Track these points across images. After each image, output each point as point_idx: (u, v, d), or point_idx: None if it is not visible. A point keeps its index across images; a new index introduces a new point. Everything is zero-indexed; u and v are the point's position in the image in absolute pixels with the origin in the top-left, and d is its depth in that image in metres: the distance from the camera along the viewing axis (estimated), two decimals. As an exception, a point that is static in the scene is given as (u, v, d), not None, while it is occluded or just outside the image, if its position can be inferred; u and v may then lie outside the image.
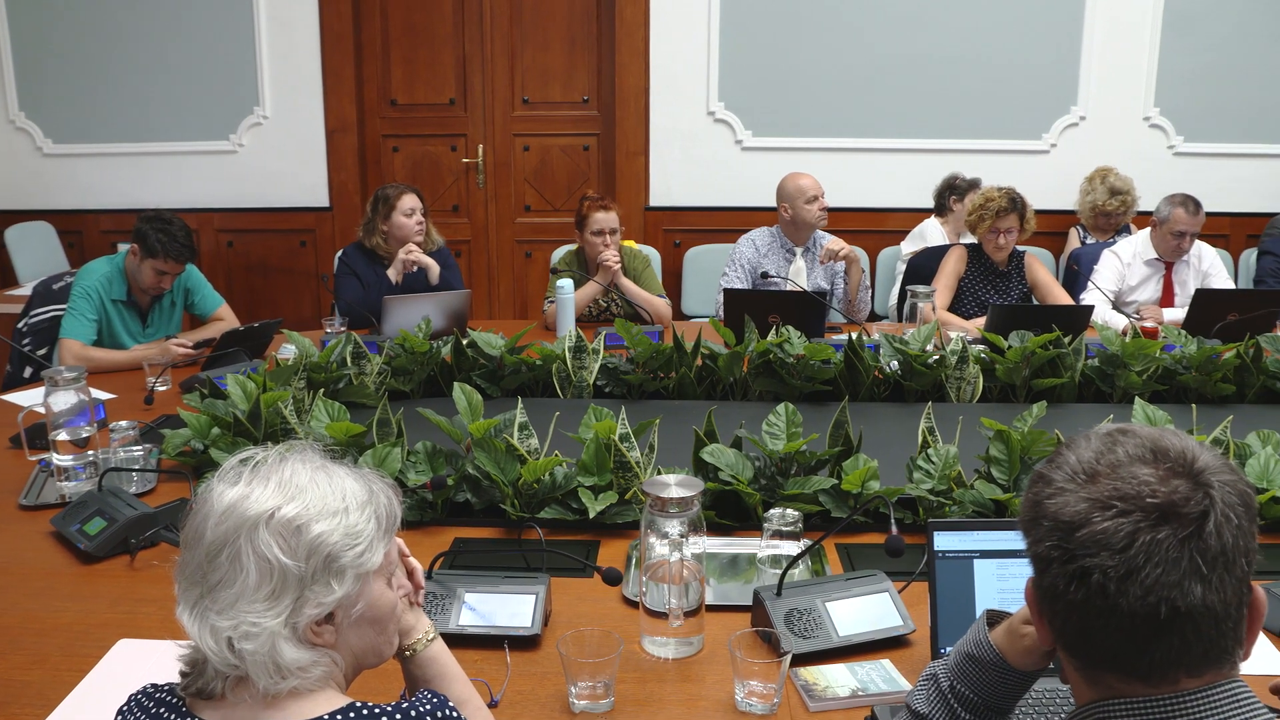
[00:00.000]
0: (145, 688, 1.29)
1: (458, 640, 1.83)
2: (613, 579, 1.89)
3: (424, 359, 3.29)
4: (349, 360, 3.19)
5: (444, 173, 6.26)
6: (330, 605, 1.25)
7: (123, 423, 2.73)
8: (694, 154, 6.02)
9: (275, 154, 6.08)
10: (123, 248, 4.16)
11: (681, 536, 1.81)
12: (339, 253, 4.65)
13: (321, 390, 2.99)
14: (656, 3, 5.89)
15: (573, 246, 4.57)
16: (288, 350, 3.52)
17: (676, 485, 1.80)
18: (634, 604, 1.97)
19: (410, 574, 1.53)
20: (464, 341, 3.35)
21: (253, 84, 6.00)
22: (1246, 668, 1.82)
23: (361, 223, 4.51)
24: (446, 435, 2.53)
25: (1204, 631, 1.05)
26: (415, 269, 4.37)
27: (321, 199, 6.14)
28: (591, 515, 2.26)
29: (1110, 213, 5.68)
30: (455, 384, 2.57)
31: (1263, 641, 1.95)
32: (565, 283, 3.95)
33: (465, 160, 6.23)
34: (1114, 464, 1.09)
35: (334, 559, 1.25)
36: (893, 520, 1.90)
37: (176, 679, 1.27)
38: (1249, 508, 1.07)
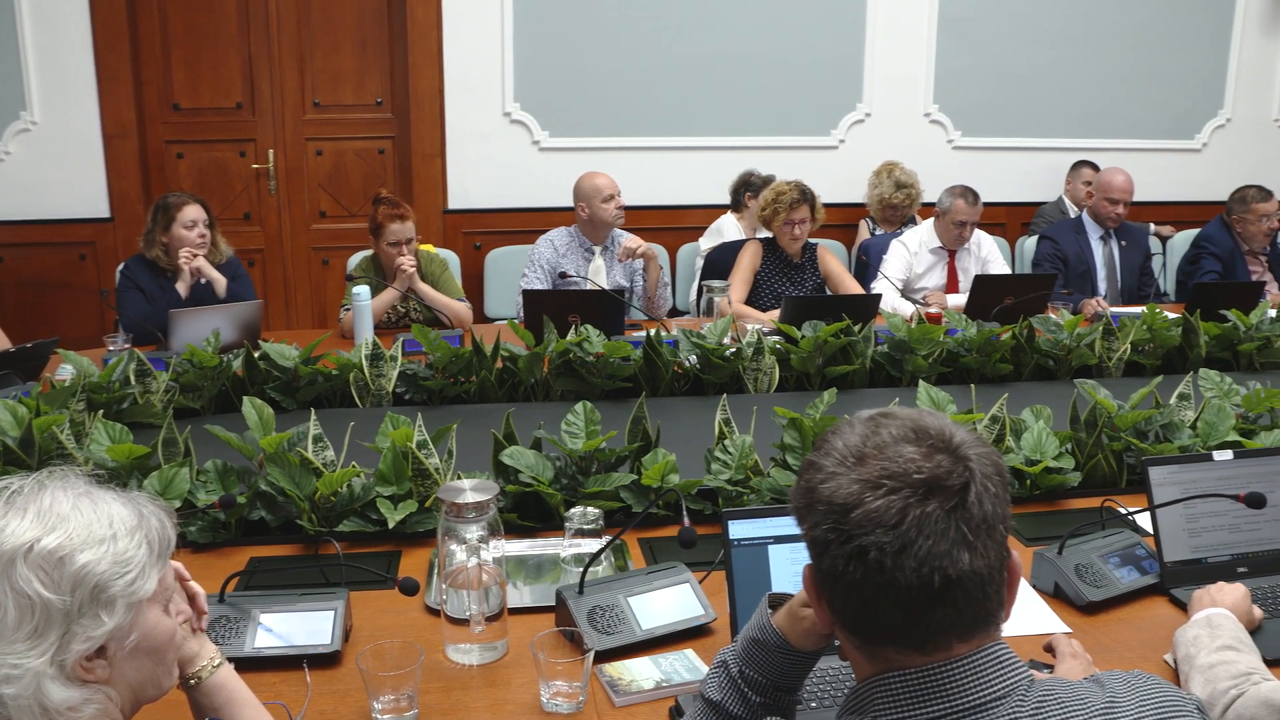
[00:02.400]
0: None
1: (254, 663, 1.77)
2: (409, 589, 1.85)
3: (214, 374, 3.16)
4: (132, 379, 3.04)
5: (233, 179, 6.03)
6: (101, 638, 1.18)
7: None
8: (491, 155, 5.98)
9: (47, 162, 5.71)
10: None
11: (480, 541, 1.80)
12: (120, 266, 4.43)
13: (101, 412, 2.84)
14: (449, 3, 5.81)
15: (369, 252, 4.47)
16: (65, 371, 3.32)
17: (472, 490, 1.79)
18: (437, 613, 1.94)
19: (191, 599, 1.47)
20: (256, 354, 3.24)
21: (18, 87, 5.61)
22: (1022, 628, 1.94)
23: (142, 233, 4.31)
24: (239, 452, 2.44)
25: (974, 596, 1.10)
26: (202, 280, 4.21)
27: (101, 209, 5.82)
28: (391, 525, 2.22)
29: (897, 205, 5.92)
30: (245, 398, 2.48)
31: (1038, 602, 2.07)
32: (361, 289, 3.87)
33: (255, 166, 6.01)
34: (880, 445, 1.13)
35: (102, 589, 1.18)
36: (685, 512, 1.93)
37: None
38: (1003, 477, 1.14)
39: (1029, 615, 2.02)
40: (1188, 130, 7.09)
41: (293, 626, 1.85)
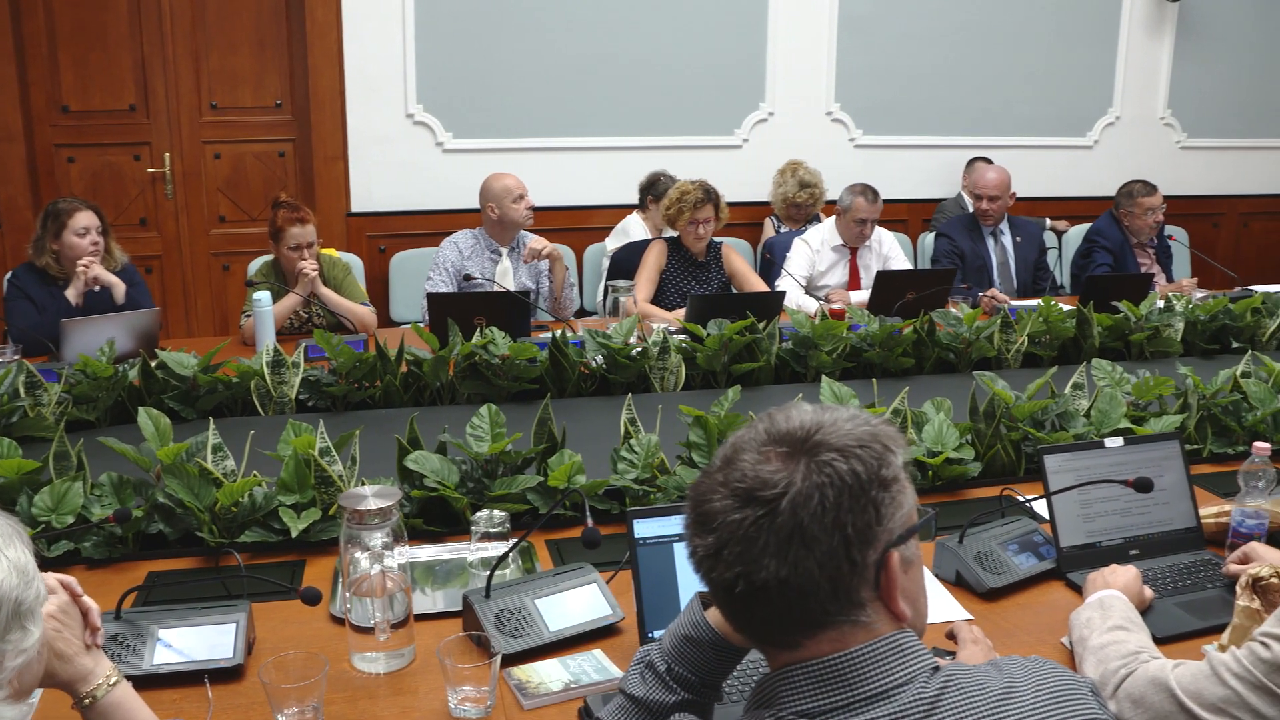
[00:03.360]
0: None
1: (154, 680, 1.73)
2: (311, 598, 1.83)
3: (109, 384, 3.08)
4: (22, 391, 2.94)
5: (128, 184, 5.87)
6: (31, 650, 1.19)
7: None
8: (394, 157, 5.91)
9: (-72, 168, 5.53)
10: None
11: (384, 548, 1.78)
12: (8, 274, 4.29)
13: (-11, 426, 2.76)
14: (348, 3, 5.73)
15: (269, 257, 4.40)
16: (-50, 385, 3.21)
17: (374, 496, 1.77)
18: (342, 622, 1.92)
19: (85, 614, 1.43)
20: (153, 363, 3.16)
21: (-110, 89, 5.42)
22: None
23: (31, 240, 4.18)
24: (135, 464, 2.38)
25: (790, 602, 1.13)
26: (97, 288, 4.09)
27: (-13, 216, 5.65)
28: (295, 535, 2.19)
29: (801, 204, 5.99)
30: (141, 409, 2.42)
31: (940, 590, 2.11)
32: (262, 295, 3.80)
33: (151, 170, 5.87)
34: (739, 449, 1.18)
35: (20, 602, 1.18)
36: (588, 513, 1.94)
37: None
38: (851, 487, 1.13)
39: (932, 603, 2.06)
40: (1079, 128, 7.30)
41: (193, 641, 1.81)
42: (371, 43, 5.78)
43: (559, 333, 3.32)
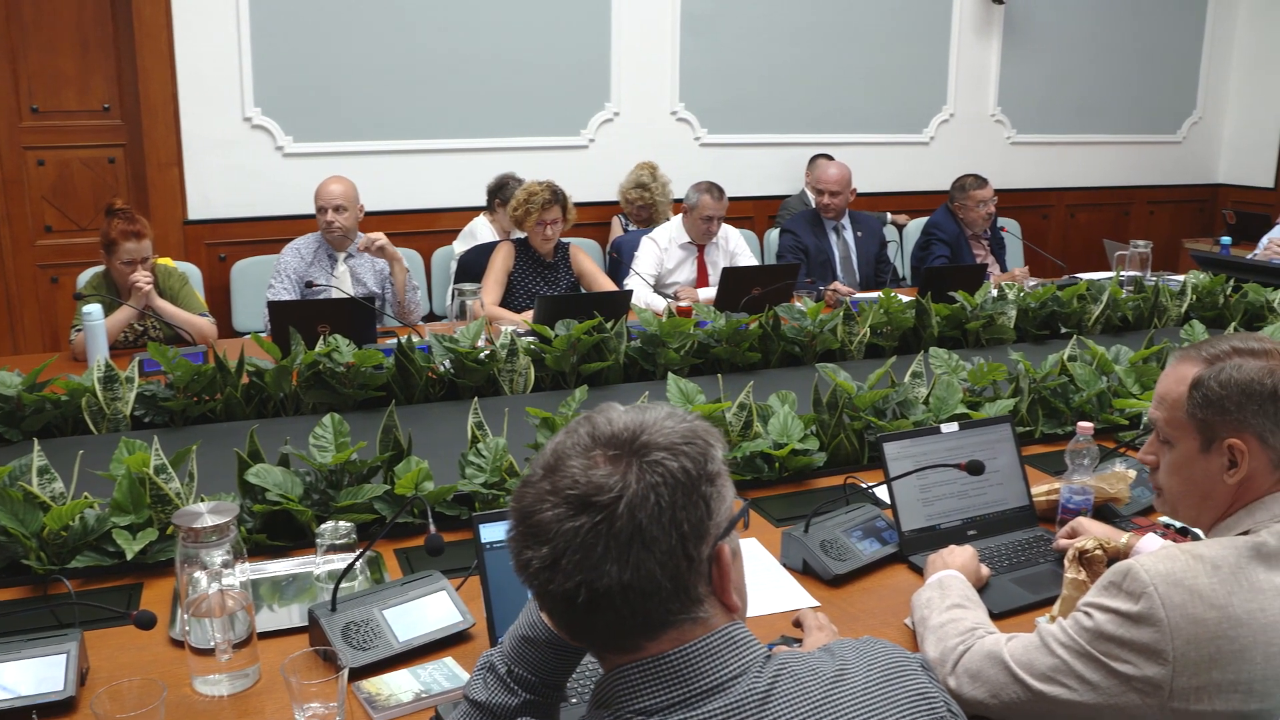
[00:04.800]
0: None
1: (-23, 718, 1.65)
2: (145, 623, 1.76)
3: (-77, 407, 2.92)
4: None
5: (-57, 194, 5.57)
6: None
7: None
8: (233, 162, 5.73)
9: None
10: None
11: (223, 566, 1.73)
12: None
13: None
14: (178, 2, 5.53)
15: (101, 268, 4.22)
16: None
17: (209, 513, 1.71)
18: (182, 645, 1.85)
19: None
20: (-29, 383, 2.99)
21: None
22: (773, 605, 2.01)
23: None
24: (-47, 490, 2.25)
25: (634, 606, 1.13)
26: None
27: None
28: (130, 557, 2.10)
29: (631, 201, 6.03)
30: (-42, 431, 2.30)
31: (788, 579, 2.15)
32: (93, 308, 3.63)
33: (-32, 179, 5.58)
34: (562, 456, 1.17)
35: None
36: (430, 520, 1.92)
37: None
38: (683, 484, 1.15)
39: (779, 592, 2.10)
40: (916, 125, 7.55)
41: (20, 676, 1.73)
42: (204, 44, 5.59)
43: (405, 338, 3.27)
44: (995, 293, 4.27)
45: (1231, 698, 1.46)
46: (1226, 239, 6.64)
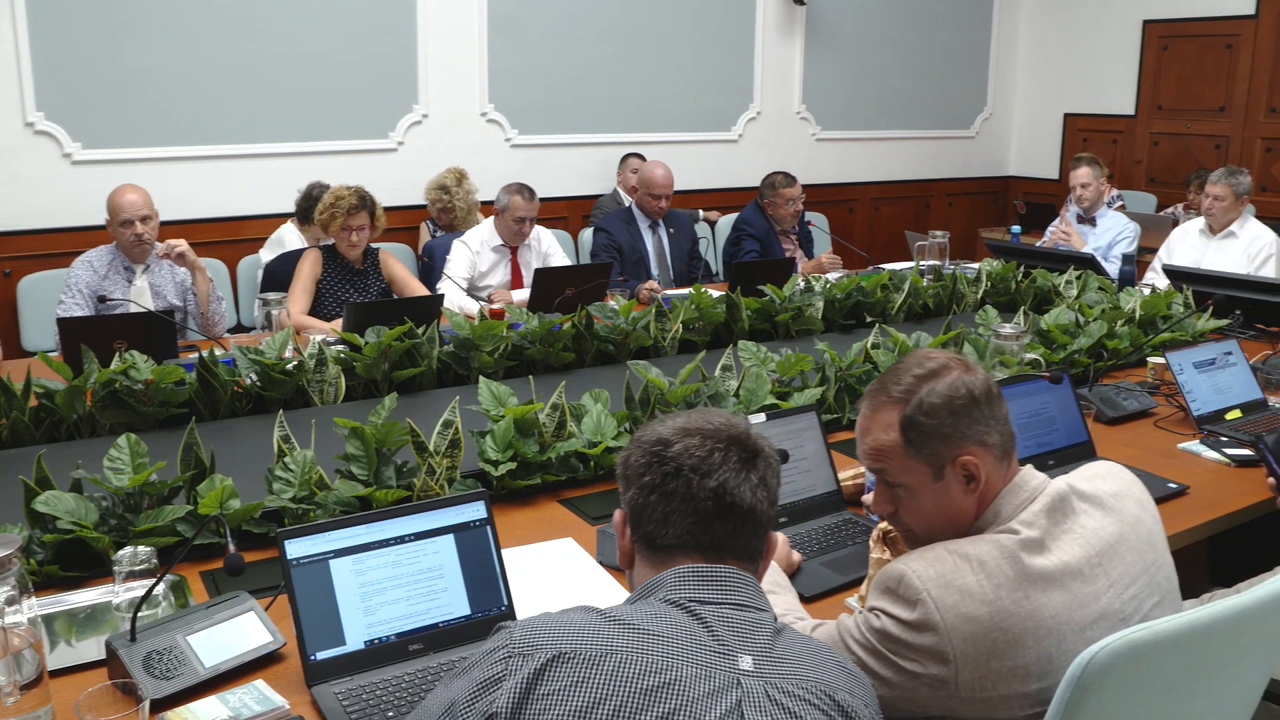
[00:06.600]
0: None
1: None
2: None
3: None
4: None
5: None
6: None
7: None
8: (15, 171, 5.40)
9: None
10: None
11: (7, 602, 1.63)
12: None
13: None
14: (-54, 3, 5.20)
15: None
16: None
17: (-11, 547, 1.62)
18: (-35, 687, 1.74)
19: None
20: None
21: None
22: (589, 602, 2.02)
23: None
24: None
25: (748, 527, 1.44)
26: None
27: None
28: (-95, 597, 1.97)
29: (447, 208, 5.96)
30: None
31: (605, 577, 2.16)
32: None
33: None
34: (692, 417, 1.50)
35: None
36: (229, 539, 1.85)
37: None
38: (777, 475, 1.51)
39: (595, 589, 2.11)
40: (725, 123, 7.70)
41: None
42: (-24, 46, 5.27)
43: (207, 351, 3.15)
44: (802, 284, 4.39)
45: (1013, 682, 1.55)
46: (1017, 228, 7.00)
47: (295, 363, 3.15)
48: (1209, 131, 8.23)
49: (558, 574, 2.19)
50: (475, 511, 1.94)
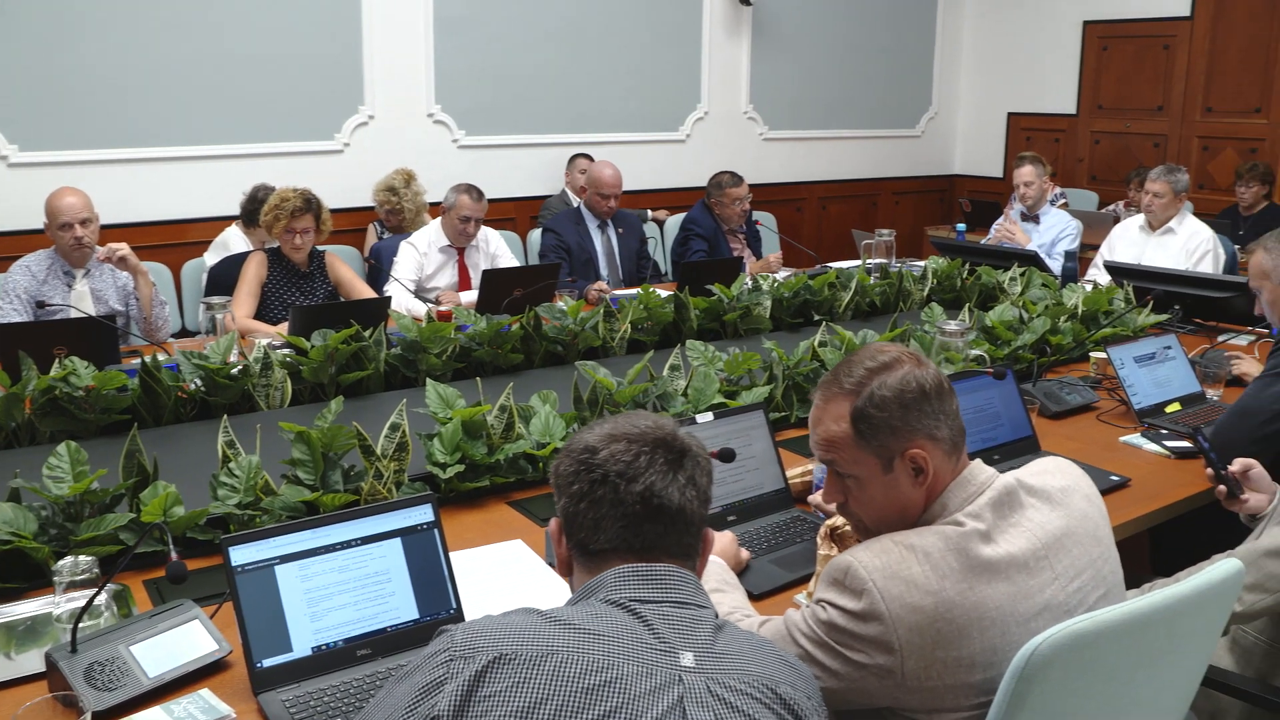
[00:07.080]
0: None
1: None
2: None
3: None
4: None
5: None
6: None
7: None
8: (-51, 175, 5.32)
9: None
10: None
11: (-58, 615, 1.60)
12: None
13: None
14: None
15: None
16: None
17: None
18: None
19: None
20: None
21: None
22: (534, 600, 2.02)
23: None
24: None
25: (678, 526, 1.45)
26: None
27: None
28: None
29: (395, 209, 5.92)
30: None
31: (551, 575, 2.16)
32: None
33: None
34: (618, 423, 1.52)
35: None
36: (170, 546, 1.83)
37: None
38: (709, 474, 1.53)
39: (545, 591, 2.11)
40: (672, 123, 7.73)
41: None
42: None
43: (150, 357, 3.11)
44: (750, 284, 4.41)
45: (958, 672, 1.57)
46: (962, 226, 7.09)
47: (240, 367, 3.12)
48: (1148, 130, 8.37)
49: (507, 576, 2.18)
50: (423, 515, 1.93)
